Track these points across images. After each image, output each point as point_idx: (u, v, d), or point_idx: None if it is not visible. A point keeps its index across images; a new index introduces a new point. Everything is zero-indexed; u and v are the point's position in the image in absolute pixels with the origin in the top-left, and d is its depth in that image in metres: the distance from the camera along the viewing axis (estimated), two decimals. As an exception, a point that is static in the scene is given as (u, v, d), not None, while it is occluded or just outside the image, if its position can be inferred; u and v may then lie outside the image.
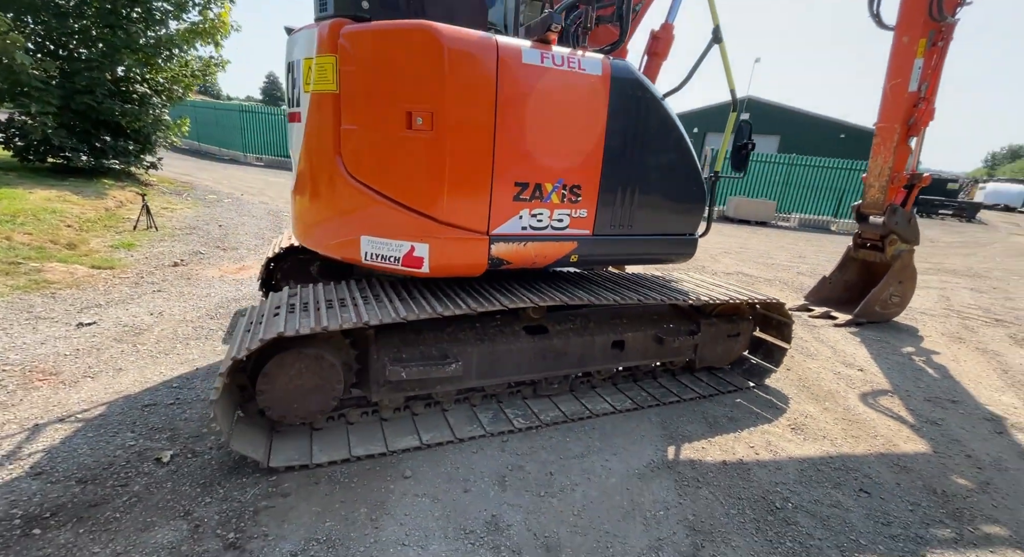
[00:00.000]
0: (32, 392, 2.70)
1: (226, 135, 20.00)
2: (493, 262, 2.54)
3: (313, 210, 2.75)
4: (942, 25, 4.50)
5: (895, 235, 5.11)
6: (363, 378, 2.57)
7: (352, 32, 2.30)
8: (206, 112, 20.19)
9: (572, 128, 2.50)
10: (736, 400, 3.28)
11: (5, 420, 2.44)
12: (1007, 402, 3.61)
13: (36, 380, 2.82)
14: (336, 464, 2.34)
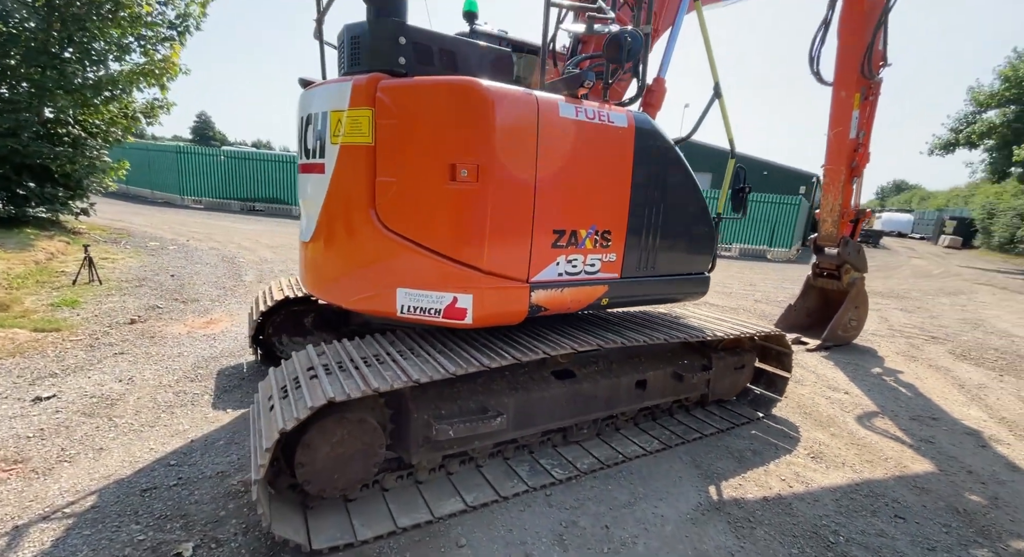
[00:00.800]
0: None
1: (159, 177, 18.83)
2: (533, 309, 2.52)
3: (338, 262, 2.63)
4: (871, 82, 5.17)
5: (849, 264, 5.63)
6: (400, 439, 2.40)
7: (391, 86, 2.29)
8: (137, 153, 18.97)
9: (603, 176, 2.60)
10: (751, 432, 3.38)
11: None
12: (976, 416, 3.97)
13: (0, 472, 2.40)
14: (382, 538, 2.14)
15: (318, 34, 3.32)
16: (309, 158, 2.70)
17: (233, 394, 3.50)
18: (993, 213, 25.69)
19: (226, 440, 2.87)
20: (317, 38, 3.35)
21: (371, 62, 2.39)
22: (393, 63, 2.36)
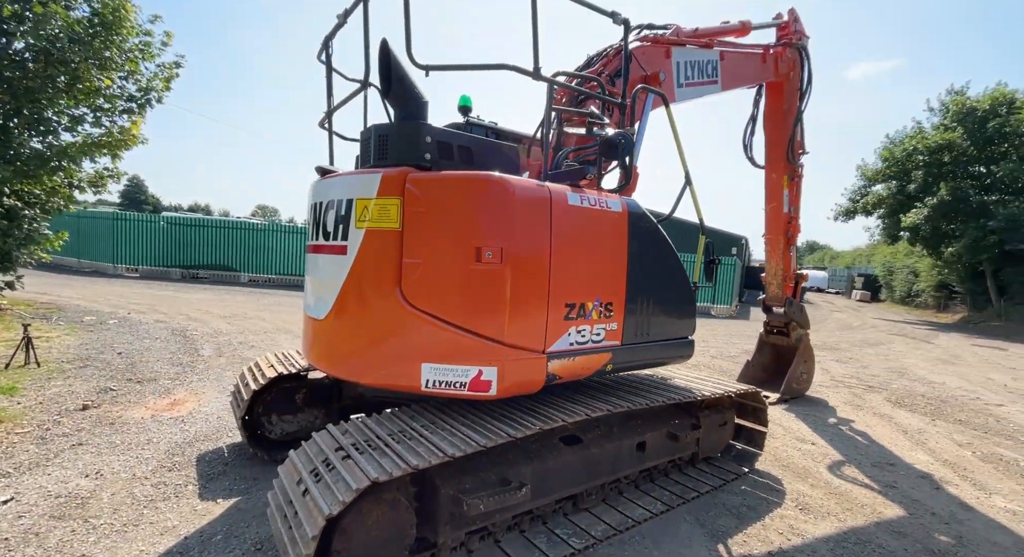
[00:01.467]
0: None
1: (88, 245, 17.66)
2: (549, 378, 2.67)
3: (359, 339, 2.69)
4: (795, 166, 6.08)
5: (795, 322, 6.25)
6: (427, 518, 2.39)
7: (420, 178, 2.52)
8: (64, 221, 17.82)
9: (604, 254, 2.90)
10: (741, 487, 3.57)
11: None
12: (923, 459, 4.41)
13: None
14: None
15: (328, 125, 3.57)
16: (328, 240, 2.83)
17: (219, 482, 3.28)
18: (891, 270, 29.16)
19: (224, 533, 2.69)
20: (326, 129, 3.60)
21: (399, 157, 2.64)
22: (420, 158, 2.61)
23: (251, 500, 3.10)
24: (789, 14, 5.86)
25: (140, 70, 9.29)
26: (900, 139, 21.77)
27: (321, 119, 3.68)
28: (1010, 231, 17.40)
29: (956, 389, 7.59)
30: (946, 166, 19.97)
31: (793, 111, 5.82)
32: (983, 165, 19.92)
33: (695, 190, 3.54)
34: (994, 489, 3.87)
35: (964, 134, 19.72)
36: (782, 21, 5.84)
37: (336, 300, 2.77)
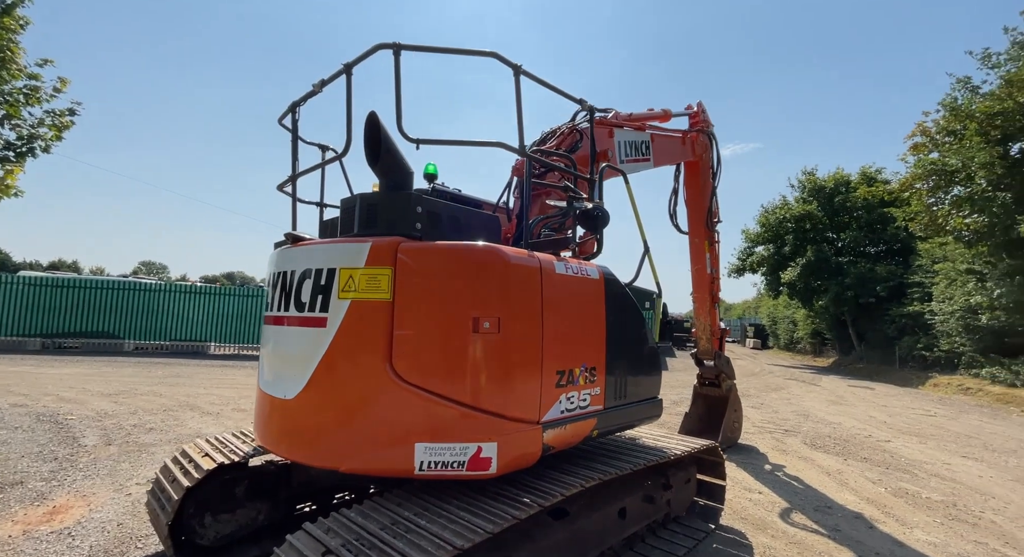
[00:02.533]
0: None
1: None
2: (544, 449, 2.60)
3: (338, 421, 2.45)
4: (713, 232, 6.85)
5: (724, 373, 6.76)
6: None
7: (413, 248, 2.47)
8: None
9: (586, 320, 2.99)
10: (713, 545, 3.64)
11: None
12: (851, 499, 4.85)
13: None
14: None
15: (292, 190, 3.42)
16: (302, 311, 2.62)
17: (139, 610, 2.67)
18: (775, 320, 32.98)
19: None
20: (288, 194, 3.44)
21: (389, 227, 2.58)
22: (411, 228, 2.58)
23: (183, 628, 2.55)
24: (698, 105, 6.83)
25: (21, 115, 8.30)
26: (772, 209, 25.51)
27: (282, 183, 3.52)
28: (860, 287, 20.73)
29: (851, 428, 8.55)
30: (808, 232, 23.62)
31: (708, 186, 6.64)
32: (834, 232, 23.86)
33: (652, 258, 3.83)
34: (912, 523, 4.33)
35: (818, 206, 23.66)
36: (692, 111, 6.79)
37: (311, 377, 2.53)
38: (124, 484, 4.55)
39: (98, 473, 4.80)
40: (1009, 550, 3.84)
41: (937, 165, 14.03)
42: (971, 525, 4.33)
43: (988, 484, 5.61)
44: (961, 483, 5.59)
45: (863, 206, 22.49)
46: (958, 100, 14.12)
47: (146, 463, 5.16)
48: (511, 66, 2.79)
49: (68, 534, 3.53)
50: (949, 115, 14.24)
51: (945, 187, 14.60)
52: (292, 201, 3.36)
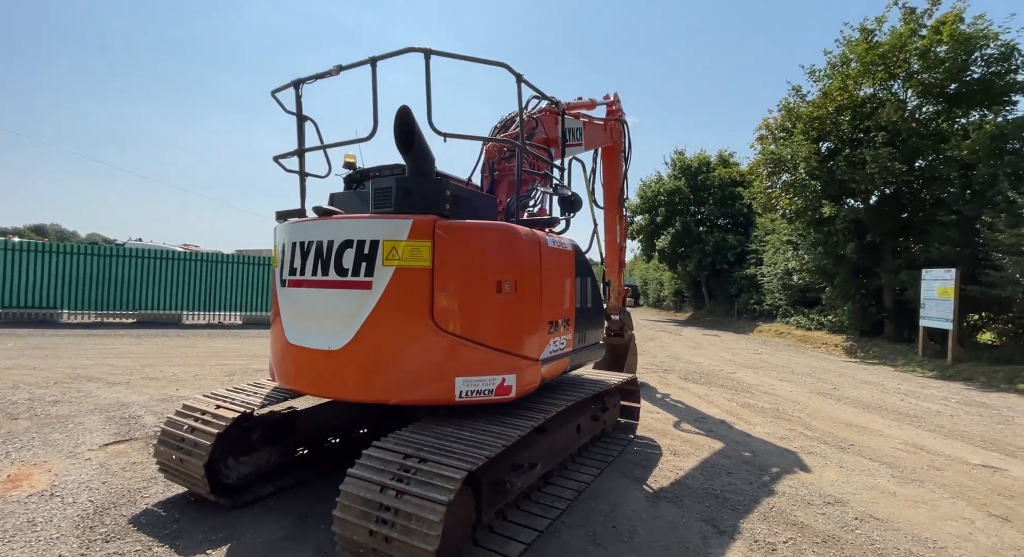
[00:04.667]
0: None
1: None
2: (542, 379, 3.46)
3: (387, 364, 3.02)
4: (623, 209, 8.11)
5: (626, 326, 8.24)
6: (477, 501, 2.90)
7: (448, 225, 3.06)
8: None
9: (564, 282, 3.84)
10: (635, 448, 4.92)
11: None
12: (717, 412, 6.60)
13: None
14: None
15: (300, 167, 3.68)
16: (344, 276, 3.07)
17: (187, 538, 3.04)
18: (647, 281, 37.65)
19: (257, 575, 2.65)
20: (295, 171, 3.70)
21: (423, 206, 3.10)
22: (442, 208, 3.14)
23: (243, 544, 3.00)
24: (615, 96, 7.87)
25: None
26: (649, 183, 28.72)
27: (282, 155, 3.74)
28: (716, 253, 24.80)
29: (709, 365, 10.89)
30: (677, 205, 27.22)
31: (621, 168, 7.81)
32: (696, 206, 27.81)
33: (599, 232, 4.79)
34: (754, 422, 6.14)
35: (686, 183, 27.26)
36: (611, 100, 7.81)
37: (359, 330, 3.04)
38: (75, 452, 4.44)
39: (29, 445, 4.56)
40: (809, 431, 5.77)
41: (774, 155, 17.26)
42: (787, 420, 6.29)
43: (796, 395, 7.91)
44: (780, 396, 7.80)
45: (719, 185, 26.47)
46: (791, 103, 17.34)
47: (82, 433, 4.95)
48: (515, 75, 3.41)
49: (51, 495, 3.54)
50: (784, 115, 17.46)
51: (778, 173, 18.03)
52: (300, 175, 3.62)
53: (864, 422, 6.36)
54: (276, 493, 3.71)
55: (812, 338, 17.26)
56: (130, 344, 11.17)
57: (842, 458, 4.87)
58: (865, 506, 3.73)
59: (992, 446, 5.52)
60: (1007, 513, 3.71)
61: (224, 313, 16.58)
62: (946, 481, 4.34)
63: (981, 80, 13.94)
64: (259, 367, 8.78)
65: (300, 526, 3.23)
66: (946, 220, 13.31)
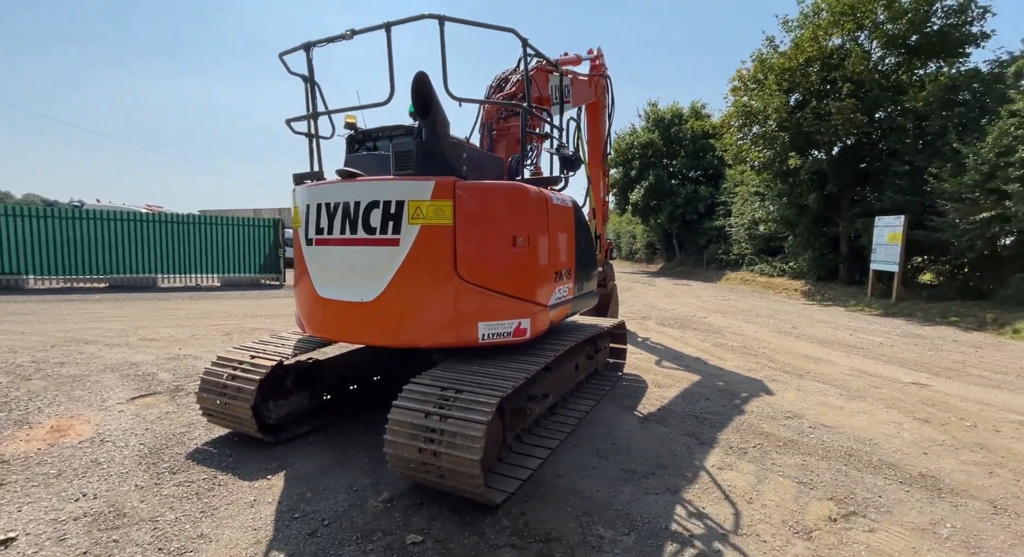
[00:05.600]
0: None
1: None
2: (551, 323, 3.91)
3: (418, 312, 3.38)
4: (607, 165, 8.42)
5: (608, 276, 8.78)
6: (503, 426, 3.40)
7: (467, 186, 3.35)
8: None
9: (566, 235, 4.22)
10: (624, 383, 5.54)
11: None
12: (692, 351, 7.32)
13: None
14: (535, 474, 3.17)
15: (313, 130, 3.84)
16: (372, 234, 3.36)
17: (245, 467, 3.45)
18: (619, 234, 38.43)
19: (313, 489, 3.11)
20: (307, 134, 3.86)
21: (442, 168, 3.37)
22: (459, 170, 3.42)
23: (296, 470, 3.44)
24: (598, 50, 7.97)
25: None
26: (623, 136, 28.75)
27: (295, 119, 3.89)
28: (687, 206, 25.51)
29: (682, 312, 11.70)
30: (651, 158, 27.51)
31: (605, 125, 8.05)
32: (669, 159, 28.18)
33: (592, 189, 5.14)
34: (726, 358, 6.88)
35: (659, 135, 27.45)
36: (594, 55, 7.92)
37: (389, 283, 3.37)
38: (104, 406, 4.70)
39: (55, 402, 4.77)
40: (772, 363, 6.56)
41: (747, 108, 17.63)
42: (753, 355, 7.07)
43: (760, 335, 8.76)
44: (747, 336, 8.62)
45: (691, 137, 26.80)
46: (764, 54, 17.55)
47: (103, 389, 5.19)
48: (521, 39, 3.62)
49: (102, 441, 3.86)
50: (757, 66, 17.69)
51: (749, 126, 18.49)
52: (314, 138, 3.79)
53: (818, 354, 7.21)
54: (311, 432, 4.13)
55: (774, 284, 18.43)
56: (112, 308, 11.08)
57: (800, 383, 5.64)
58: (817, 418, 4.47)
59: (922, 368, 6.43)
60: (928, 417, 4.52)
61: (201, 275, 16.34)
62: (883, 396, 5.15)
63: (940, 31, 14.47)
64: (254, 326, 8.99)
65: (342, 456, 3.68)
66: (899, 170, 14.19)
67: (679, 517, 2.85)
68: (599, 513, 2.90)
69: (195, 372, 5.83)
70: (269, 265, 17.31)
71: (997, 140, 11.15)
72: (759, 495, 3.10)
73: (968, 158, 11.71)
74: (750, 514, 2.88)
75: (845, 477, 3.33)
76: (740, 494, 3.11)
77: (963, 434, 4.13)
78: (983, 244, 11.65)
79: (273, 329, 8.66)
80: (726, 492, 3.14)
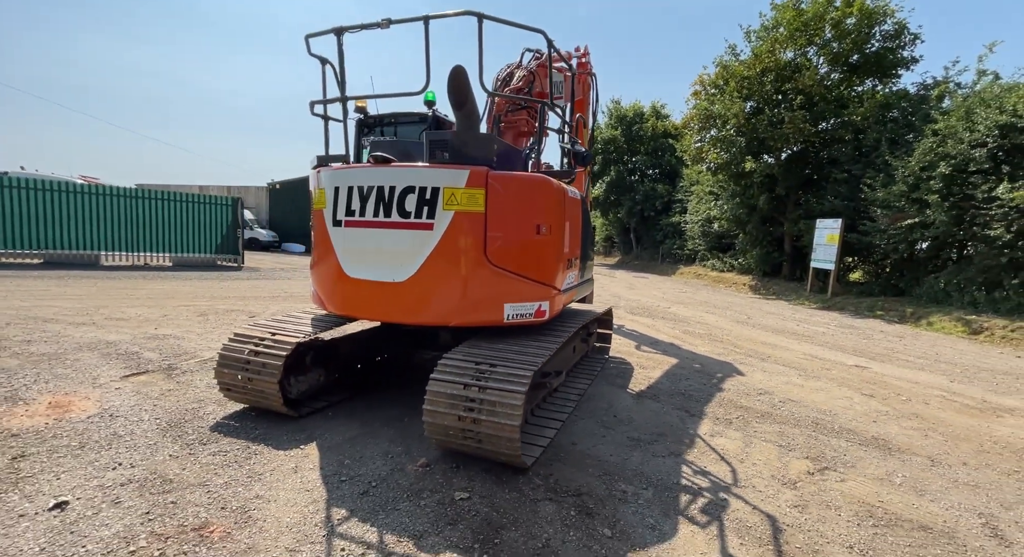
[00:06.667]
0: None
1: None
2: (564, 306, 4.24)
3: (448, 292, 3.60)
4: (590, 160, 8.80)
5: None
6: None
7: (498, 176, 3.58)
8: None
9: (575, 226, 4.55)
10: (611, 365, 5.98)
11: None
12: (666, 338, 7.91)
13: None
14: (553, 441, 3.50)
15: (323, 113, 3.94)
16: (407, 218, 3.54)
17: (275, 438, 3.57)
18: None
19: (350, 456, 3.29)
20: (321, 116, 3.96)
21: (474, 159, 3.59)
22: (491, 161, 3.64)
23: (326, 440, 3.59)
24: (585, 48, 8.30)
25: None
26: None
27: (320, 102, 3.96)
28: (646, 202, 26.61)
29: (647, 302, 12.42)
30: (613, 154, 28.39)
31: (589, 123, 8.41)
32: (630, 155, 29.21)
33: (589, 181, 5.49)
34: (695, 344, 7.52)
35: (621, 133, 28.35)
36: (581, 53, 8.24)
37: (422, 265, 3.57)
38: (98, 383, 4.58)
39: (39, 379, 4.58)
40: (737, 349, 7.25)
41: (707, 111, 18.64)
42: (720, 342, 7.75)
43: (721, 324, 9.54)
44: (710, 324, 9.37)
45: (651, 135, 27.89)
46: (726, 61, 18.58)
47: (89, 368, 5.02)
48: (548, 41, 3.87)
49: (112, 416, 3.82)
50: (719, 71, 18.72)
51: (707, 129, 19.56)
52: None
53: (774, 341, 8.02)
54: (328, 407, 4.26)
55: (725, 278, 19.75)
56: (57, 285, 10.35)
57: (764, 365, 6.31)
58: (785, 394, 5.09)
59: (861, 354, 7.34)
60: (872, 392, 5.27)
61: (150, 254, 15.42)
62: (834, 376, 5.90)
63: (876, 53, 15.95)
64: (227, 308, 8.76)
65: (367, 427, 3.86)
66: (839, 177, 15.60)
67: (686, 475, 3.29)
68: (617, 472, 3.28)
69: (182, 352, 5.73)
70: (226, 246, 16.57)
71: (921, 156, 12.56)
72: (748, 456, 3.60)
73: (897, 170, 13.11)
74: (744, 471, 3.36)
75: (815, 441, 3.90)
76: (732, 456, 3.60)
77: (901, 406, 4.88)
78: (904, 247, 13.12)
79: (249, 311, 8.49)
80: (721, 454, 3.61)
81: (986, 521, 2.86)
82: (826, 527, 2.73)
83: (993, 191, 10.74)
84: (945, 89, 15.05)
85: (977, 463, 3.65)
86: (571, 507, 2.83)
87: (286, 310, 8.59)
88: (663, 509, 2.85)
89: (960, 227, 11.68)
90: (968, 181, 11.48)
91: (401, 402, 4.40)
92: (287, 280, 13.85)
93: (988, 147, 11.18)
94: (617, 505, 2.88)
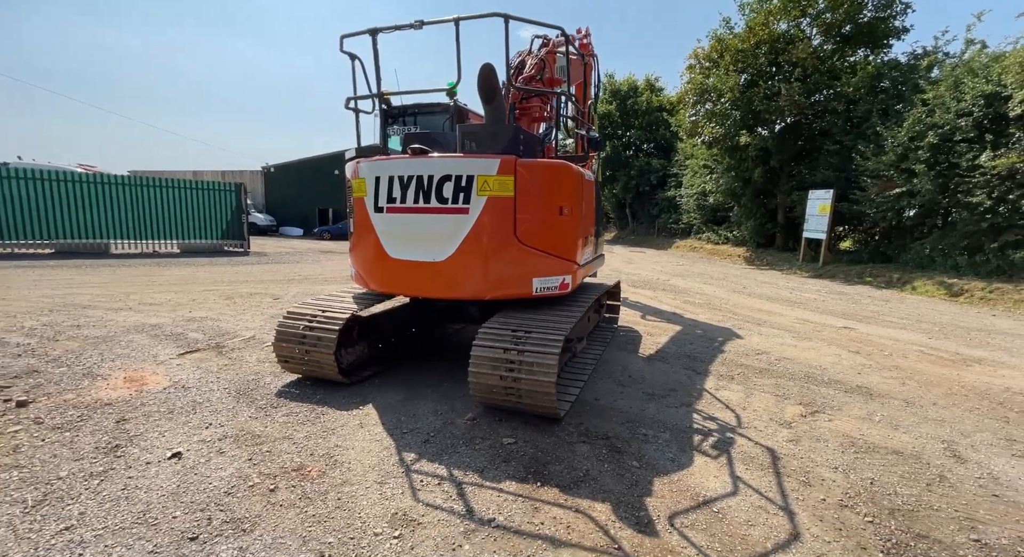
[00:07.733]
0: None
1: None
2: (582, 279, 4.70)
3: (484, 270, 4.04)
4: (589, 139, 9.15)
5: (590, 243, 9.68)
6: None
7: (525, 163, 3.98)
8: None
9: (589, 206, 4.98)
10: (620, 333, 6.50)
11: None
12: (668, 308, 8.43)
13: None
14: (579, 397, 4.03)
15: (354, 107, 4.30)
16: (445, 204, 3.96)
17: (335, 399, 4.05)
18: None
19: (407, 414, 3.80)
20: (354, 110, 4.32)
21: (504, 148, 3.98)
22: (518, 150, 4.04)
23: (379, 402, 4.09)
24: (586, 30, 8.53)
25: None
26: (581, 105, 29.38)
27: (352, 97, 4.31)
28: (641, 177, 26.88)
29: (647, 275, 12.94)
30: (607, 129, 28.46)
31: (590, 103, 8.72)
32: (626, 130, 29.30)
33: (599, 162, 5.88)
34: (696, 313, 8.05)
35: (616, 107, 28.36)
36: (583, 35, 8.48)
37: (460, 246, 4.00)
38: (159, 360, 5.03)
39: (105, 358, 5.03)
40: (735, 316, 7.79)
41: (703, 85, 18.80)
42: (718, 310, 8.30)
43: (718, 293, 10.09)
44: (708, 294, 9.91)
45: (645, 110, 27.94)
46: (720, 34, 18.65)
47: (145, 348, 5.46)
48: (566, 38, 4.23)
49: (184, 387, 4.28)
50: (713, 45, 18.80)
51: (703, 103, 19.75)
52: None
53: (769, 308, 8.57)
54: (373, 375, 4.75)
55: (720, 251, 20.29)
56: (79, 274, 10.68)
57: (760, 329, 6.87)
58: (780, 353, 5.65)
59: (849, 317, 7.91)
60: (858, 349, 5.84)
61: (159, 241, 15.68)
62: (824, 337, 6.47)
63: (869, 22, 16.11)
64: (249, 291, 9.16)
65: (412, 391, 4.36)
66: (831, 148, 15.98)
67: (697, 420, 3.82)
68: (638, 420, 3.81)
69: (223, 332, 6.17)
70: (232, 231, 16.83)
71: (911, 126, 12.95)
72: (749, 404, 4.14)
73: (887, 140, 13.51)
74: (747, 416, 3.91)
75: (807, 390, 4.46)
76: (736, 405, 4.14)
77: (883, 360, 5.45)
78: (892, 216, 13.65)
79: (272, 294, 8.90)
80: (725, 403, 4.15)
81: (947, 445, 3.43)
82: (816, 455, 3.28)
83: (976, 159, 11.20)
84: (934, 60, 15.32)
85: (945, 403, 4.23)
86: (602, 447, 3.36)
87: (308, 292, 9.02)
88: (680, 446, 3.39)
89: (945, 195, 12.18)
90: (954, 150, 11.92)
91: (438, 370, 4.89)
92: (296, 263, 14.21)
93: (974, 116, 11.59)
94: (641, 444, 3.41)
